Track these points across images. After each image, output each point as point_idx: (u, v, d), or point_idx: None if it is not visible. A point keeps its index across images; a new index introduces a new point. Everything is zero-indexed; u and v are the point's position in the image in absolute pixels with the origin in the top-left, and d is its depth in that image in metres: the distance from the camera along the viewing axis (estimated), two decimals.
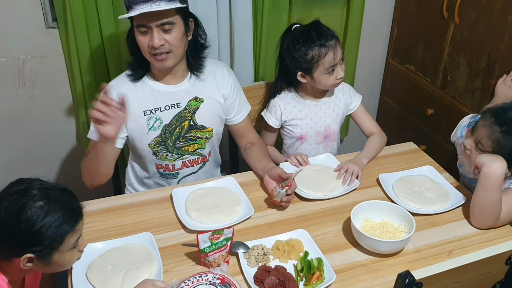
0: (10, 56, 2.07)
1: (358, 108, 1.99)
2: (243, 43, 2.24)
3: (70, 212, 1.18)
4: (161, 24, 1.57)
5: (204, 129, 1.82)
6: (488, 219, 1.52)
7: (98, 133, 1.51)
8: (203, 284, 1.25)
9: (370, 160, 1.85)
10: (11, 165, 2.31)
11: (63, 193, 1.19)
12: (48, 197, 1.14)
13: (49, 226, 1.12)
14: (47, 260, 1.16)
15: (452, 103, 2.34)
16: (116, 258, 1.37)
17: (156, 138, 1.76)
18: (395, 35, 2.67)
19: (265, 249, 1.41)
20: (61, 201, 1.16)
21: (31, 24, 2.04)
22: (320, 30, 1.80)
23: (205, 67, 1.79)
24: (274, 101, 1.94)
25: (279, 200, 1.57)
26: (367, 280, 1.35)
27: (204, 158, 1.89)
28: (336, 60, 1.79)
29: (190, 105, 1.76)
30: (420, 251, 1.46)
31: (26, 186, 1.14)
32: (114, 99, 1.50)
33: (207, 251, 1.34)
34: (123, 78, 1.74)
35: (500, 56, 2.03)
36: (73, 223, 1.18)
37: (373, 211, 1.54)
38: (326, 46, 1.77)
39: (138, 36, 1.60)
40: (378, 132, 1.95)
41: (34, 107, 2.22)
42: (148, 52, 1.62)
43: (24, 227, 1.11)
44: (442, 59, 2.36)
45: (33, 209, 1.11)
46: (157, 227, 1.53)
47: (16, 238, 1.12)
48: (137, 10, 1.52)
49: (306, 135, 1.96)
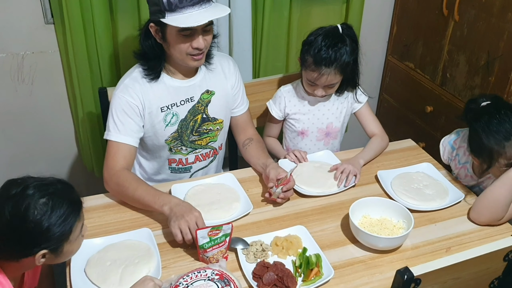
0: (9, 51, 2.07)
1: (363, 107, 1.96)
2: (242, 40, 2.23)
3: (73, 202, 1.19)
4: (206, 26, 1.57)
5: (215, 121, 1.82)
6: (490, 217, 1.52)
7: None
8: (201, 280, 1.25)
9: (368, 162, 1.84)
10: (10, 161, 2.31)
11: (61, 185, 1.20)
12: (49, 193, 1.15)
13: (56, 221, 1.13)
14: (59, 252, 1.18)
15: (451, 101, 2.34)
16: (114, 254, 1.37)
17: (173, 134, 1.75)
18: (394, 32, 2.67)
19: (263, 245, 1.41)
20: (62, 194, 1.17)
21: (30, 19, 2.03)
22: (334, 48, 1.73)
23: (214, 57, 1.80)
24: (280, 92, 1.94)
25: (275, 198, 1.58)
26: (365, 276, 1.36)
27: (215, 151, 1.89)
28: (317, 82, 1.77)
29: (203, 98, 1.77)
30: (418, 247, 1.47)
31: (23, 187, 1.14)
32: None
33: (205, 247, 1.34)
34: (137, 76, 1.68)
35: (500, 53, 2.03)
36: (77, 213, 1.19)
37: (371, 208, 1.54)
38: (318, 65, 1.73)
39: (178, 38, 1.56)
40: (380, 134, 1.93)
41: (33, 103, 2.22)
42: (186, 53, 1.60)
43: (33, 227, 1.11)
44: (441, 57, 2.36)
45: (38, 208, 1.12)
46: (156, 223, 1.53)
47: (26, 239, 1.12)
48: (187, 15, 1.50)
49: (307, 131, 1.95)
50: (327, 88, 1.80)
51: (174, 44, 1.59)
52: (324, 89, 1.80)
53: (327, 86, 1.80)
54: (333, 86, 1.81)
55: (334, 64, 1.73)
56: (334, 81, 1.78)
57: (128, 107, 1.64)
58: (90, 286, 1.29)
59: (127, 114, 1.64)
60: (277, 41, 2.33)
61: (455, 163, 1.79)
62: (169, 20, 1.51)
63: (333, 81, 1.78)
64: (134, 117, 1.65)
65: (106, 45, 2.09)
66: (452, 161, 1.80)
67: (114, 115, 1.64)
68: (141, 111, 1.67)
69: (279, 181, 1.58)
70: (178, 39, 1.57)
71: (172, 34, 1.56)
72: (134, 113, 1.65)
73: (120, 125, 1.64)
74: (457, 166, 1.78)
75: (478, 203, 1.56)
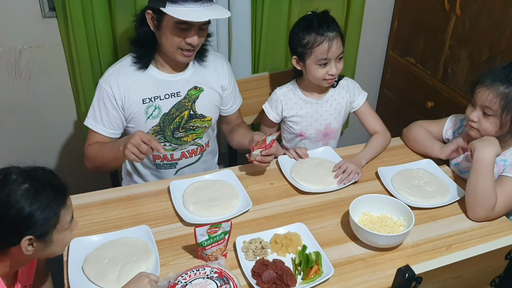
0: (6, 45, 2.05)
1: (362, 106, 1.94)
2: (241, 35, 2.22)
3: (57, 188, 1.17)
4: (203, 24, 1.58)
5: (203, 118, 1.82)
6: (482, 208, 1.51)
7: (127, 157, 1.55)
8: (200, 277, 1.24)
9: (370, 160, 1.83)
10: (8, 156, 2.30)
11: (44, 172, 1.19)
12: (31, 178, 1.14)
13: (39, 206, 1.12)
14: (47, 240, 1.16)
15: (452, 96, 2.33)
16: (112, 251, 1.36)
17: (154, 127, 1.76)
18: (395, 27, 2.65)
19: (263, 243, 1.40)
20: (45, 180, 1.16)
21: (27, 13, 2.01)
22: (324, 19, 1.76)
23: (208, 55, 1.80)
24: (276, 95, 1.91)
25: (253, 160, 1.64)
26: (365, 274, 1.35)
27: (202, 148, 1.89)
28: (329, 53, 1.74)
29: (190, 94, 1.76)
30: (419, 245, 1.46)
31: (4, 174, 1.14)
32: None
33: (204, 244, 1.33)
34: (125, 65, 1.72)
35: (502, 49, 2.01)
36: (62, 199, 1.17)
37: (371, 205, 1.53)
38: (324, 35, 1.73)
39: (173, 30, 1.58)
40: (382, 131, 1.91)
41: (31, 97, 2.20)
42: (177, 47, 1.61)
43: (15, 213, 1.10)
44: (443, 52, 2.34)
45: (19, 193, 1.11)
46: (154, 220, 1.52)
47: (10, 226, 1.11)
48: (188, 9, 1.51)
49: (306, 132, 1.94)
50: (337, 63, 1.78)
51: (168, 35, 1.60)
52: (335, 64, 1.78)
53: (337, 59, 1.78)
54: (342, 58, 1.80)
55: (334, 28, 1.75)
56: (341, 49, 1.78)
57: (107, 99, 1.69)
58: (87, 284, 1.28)
59: (105, 105, 1.70)
60: (277, 36, 2.31)
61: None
62: (169, 11, 1.52)
63: (341, 49, 1.78)
64: (111, 109, 1.71)
65: (106, 38, 2.08)
66: (456, 137, 1.79)
67: (94, 104, 1.73)
68: (118, 103, 1.70)
69: (257, 145, 1.62)
70: (174, 31, 1.58)
71: (168, 25, 1.57)
72: (111, 105, 1.70)
73: (98, 115, 1.72)
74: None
75: (467, 201, 1.56)
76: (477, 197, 1.52)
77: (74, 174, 2.44)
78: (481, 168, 1.52)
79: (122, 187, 1.85)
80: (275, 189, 1.69)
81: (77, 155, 2.43)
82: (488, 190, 1.51)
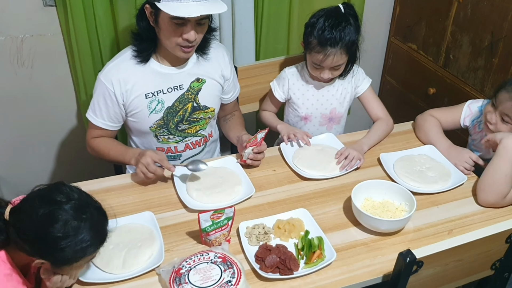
0: (8, 34, 2.05)
1: (366, 91, 1.94)
2: (244, 21, 2.21)
3: (98, 235, 1.17)
4: (200, 19, 1.55)
5: (207, 109, 1.82)
6: (494, 193, 1.53)
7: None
8: (204, 262, 1.25)
9: (372, 147, 1.83)
10: (11, 144, 2.31)
11: (98, 213, 1.18)
12: (82, 219, 1.12)
13: (74, 246, 1.11)
14: (57, 269, 1.16)
15: (454, 82, 2.32)
16: (117, 237, 1.37)
17: (158, 121, 1.75)
18: (397, 13, 2.63)
19: (266, 228, 1.41)
20: (94, 224, 1.15)
21: (29, 2, 2.00)
22: (338, 27, 1.70)
23: (210, 48, 1.78)
24: (285, 73, 1.92)
25: (245, 159, 1.66)
26: (367, 258, 1.36)
27: (205, 139, 1.89)
28: (324, 64, 1.74)
29: (193, 86, 1.75)
30: (420, 230, 1.47)
31: (65, 200, 1.13)
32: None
33: (208, 230, 1.34)
34: (125, 58, 1.69)
35: (504, 34, 2.01)
36: (97, 247, 1.17)
37: (374, 191, 1.54)
38: (324, 47, 1.71)
39: (169, 26, 1.54)
40: (385, 117, 1.91)
41: (33, 86, 2.20)
42: (176, 43, 1.58)
43: (51, 242, 1.10)
44: (444, 38, 2.33)
45: (66, 227, 1.10)
46: (158, 206, 1.54)
47: (39, 246, 1.11)
48: (183, 4, 1.47)
49: (310, 116, 1.94)
50: (333, 70, 1.78)
51: (165, 31, 1.57)
52: (331, 71, 1.78)
53: (333, 68, 1.77)
54: (339, 67, 1.79)
55: (339, 43, 1.70)
56: (340, 61, 1.75)
57: (107, 95, 1.69)
58: (93, 269, 1.30)
59: (105, 101, 1.70)
60: (278, 23, 2.30)
61: (476, 128, 1.79)
62: (163, 6, 1.48)
63: (339, 62, 1.75)
64: (111, 104, 1.70)
65: (107, 29, 2.07)
66: (474, 125, 1.80)
67: (94, 98, 1.73)
68: (119, 100, 1.69)
69: (249, 142, 1.64)
70: (170, 26, 1.55)
71: (164, 20, 1.55)
72: (112, 101, 1.69)
73: (97, 109, 1.72)
74: (477, 131, 1.79)
75: (482, 184, 1.56)
76: (494, 182, 1.53)
77: (76, 163, 2.46)
78: (506, 154, 1.53)
79: (126, 174, 1.85)
80: (278, 175, 1.70)
81: (79, 143, 2.43)
82: (506, 178, 1.52)
